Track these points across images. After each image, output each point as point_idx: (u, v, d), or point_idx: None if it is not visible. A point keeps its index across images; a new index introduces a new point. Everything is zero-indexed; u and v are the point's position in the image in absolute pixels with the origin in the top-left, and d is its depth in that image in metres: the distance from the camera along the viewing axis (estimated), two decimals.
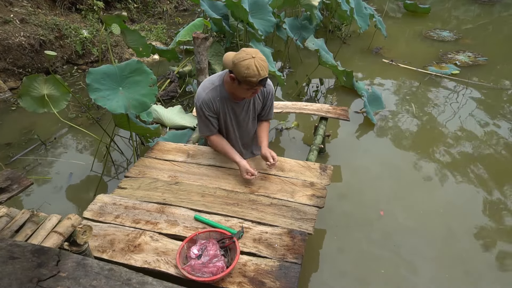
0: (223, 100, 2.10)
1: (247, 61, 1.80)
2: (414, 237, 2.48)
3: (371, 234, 2.50)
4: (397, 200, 2.79)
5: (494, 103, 4.22)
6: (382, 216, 2.64)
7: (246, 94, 1.98)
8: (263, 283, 1.57)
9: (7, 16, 4.45)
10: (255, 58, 1.81)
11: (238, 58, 1.83)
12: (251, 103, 2.19)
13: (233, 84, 1.95)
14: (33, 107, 2.62)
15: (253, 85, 1.87)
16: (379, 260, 2.32)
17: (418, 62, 5.18)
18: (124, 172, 3.10)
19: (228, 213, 1.95)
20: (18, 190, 1.72)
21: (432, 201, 2.79)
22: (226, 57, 1.95)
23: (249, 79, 1.82)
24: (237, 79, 1.87)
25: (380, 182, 2.98)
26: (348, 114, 3.17)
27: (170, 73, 4.35)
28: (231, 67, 1.87)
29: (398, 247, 2.40)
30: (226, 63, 1.93)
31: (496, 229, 2.57)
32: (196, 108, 2.13)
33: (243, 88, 1.91)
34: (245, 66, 1.80)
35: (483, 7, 8.17)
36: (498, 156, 3.33)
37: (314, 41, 4.06)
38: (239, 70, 1.82)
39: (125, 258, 1.68)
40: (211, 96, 2.08)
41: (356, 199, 2.80)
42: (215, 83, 2.09)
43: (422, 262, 2.31)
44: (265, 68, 1.84)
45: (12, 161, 3.15)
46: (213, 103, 2.09)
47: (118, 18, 3.19)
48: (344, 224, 2.58)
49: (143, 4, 6.53)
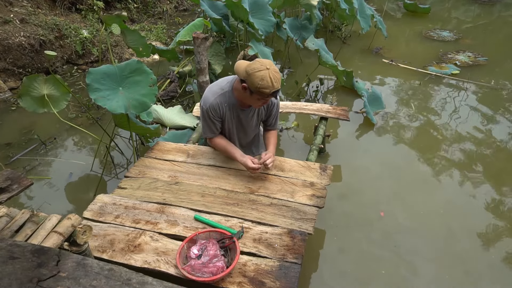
0: (230, 106, 2.11)
1: (262, 72, 1.81)
2: (414, 237, 2.48)
3: (371, 234, 2.50)
4: (397, 200, 2.79)
5: (494, 103, 4.22)
6: (382, 217, 2.64)
7: (256, 103, 2.00)
8: (263, 283, 1.57)
9: (7, 16, 4.45)
10: (269, 70, 1.82)
11: (252, 69, 1.83)
12: (256, 110, 2.20)
13: (244, 93, 1.95)
14: (33, 107, 2.62)
15: (265, 96, 1.88)
16: (380, 260, 2.32)
17: (418, 62, 5.18)
18: (124, 172, 3.10)
19: (228, 213, 1.95)
20: (18, 190, 1.72)
21: (432, 201, 2.78)
22: (238, 66, 1.94)
23: (262, 90, 1.83)
24: (250, 89, 1.87)
25: (380, 182, 2.98)
26: (348, 114, 3.17)
27: (170, 73, 4.35)
28: (245, 76, 1.86)
29: (398, 247, 2.40)
30: (239, 72, 1.91)
31: (496, 229, 2.57)
32: (202, 111, 2.13)
33: (254, 98, 1.92)
34: (260, 77, 1.80)
35: (483, 7, 8.17)
36: (498, 156, 3.33)
37: (314, 41, 4.06)
38: (253, 81, 1.82)
39: (125, 258, 1.68)
40: (219, 101, 2.08)
41: (356, 199, 2.79)
42: (224, 89, 2.08)
43: (422, 262, 2.31)
44: (278, 80, 1.85)
45: (12, 161, 3.15)
46: (220, 109, 2.10)
47: (118, 18, 3.19)
48: (344, 224, 2.58)
49: (143, 4, 6.53)
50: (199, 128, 2.92)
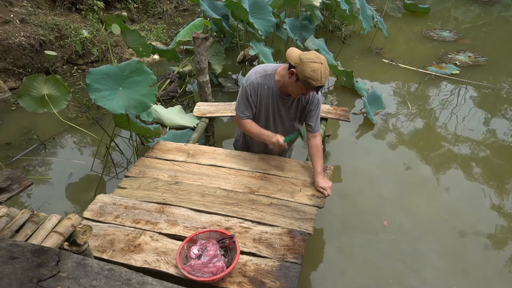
0: (270, 90, 2.10)
1: (316, 64, 1.83)
2: (414, 237, 2.48)
3: (371, 234, 2.50)
4: (397, 200, 2.79)
5: (495, 103, 4.22)
6: (382, 217, 2.63)
7: (297, 92, 1.99)
8: (263, 283, 1.57)
9: (7, 16, 4.45)
10: (323, 65, 1.84)
11: (308, 58, 1.85)
12: (295, 102, 2.17)
13: (290, 79, 1.95)
14: (33, 107, 2.62)
15: (310, 87, 1.89)
16: (380, 260, 2.33)
17: (418, 62, 5.17)
18: (124, 172, 3.10)
19: (228, 213, 1.95)
20: (18, 190, 1.72)
21: (432, 201, 2.79)
22: (291, 52, 1.96)
23: (309, 80, 1.84)
24: (298, 75, 1.88)
25: (380, 182, 2.98)
26: (348, 115, 3.17)
27: (170, 73, 4.35)
28: (297, 62, 1.88)
29: (397, 243, 2.41)
30: (291, 57, 1.93)
31: (504, 233, 2.54)
32: (242, 88, 2.13)
33: (298, 86, 1.93)
34: (312, 68, 1.82)
35: (483, 7, 8.17)
36: (499, 157, 3.32)
37: (314, 41, 4.07)
38: (304, 69, 1.83)
39: (125, 258, 1.68)
40: (260, 81, 2.09)
41: (356, 199, 2.80)
42: (268, 72, 2.10)
43: (422, 262, 2.31)
44: (326, 77, 1.88)
45: (12, 161, 3.15)
46: (259, 89, 2.10)
47: (118, 18, 3.19)
48: (344, 224, 2.58)
49: (143, 4, 6.53)
50: (199, 128, 2.92)
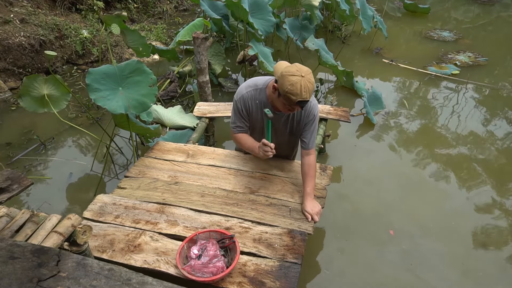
0: (261, 104, 2.05)
1: (295, 78, 1.74)
2: (414, 236, 2.48)
3: (371, 233, 2.50)
4: (397, 200, 2.79)
5: (495, 103, 4.22)
6: (382, 217, 2.63)
7: (283, 108, 1.92)
8: (263, 283, 1.57)
9: (7, 16, 4.45)
10: (303, 78, 1.75)
11: (287, 71, 1.77)
12: (290, 118, 2.10)
13: (273, 94, 1.92)
14: (33, 107, 2.62)
15: (291, 103, 1.81)
16: (379, 259, 2.33)
17: (418, 62, 5.17)
18: (124, 172, 3.10)
19: (227, 213, 1.95)
20: (18, 190, 1.72)
21: (432, 200, 2.79)
22: (277, 65, 1.92)
23: (288, 95, 1.76)
24: (279, 90, 1.83)
25: (380, 182, 2.97)
26: (349, 116, 3.16)
27: (170, 73, 4.35)
28: (278, 76, 1.82)
29: (397, 238, 2.41)
30: (276, 71, 1.90)
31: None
32: (234, 102, 2.12)
33: (281, 101, 1.87)
34: (291, 82, 1.74)
35: (482, 7, 8.17)
36: (500, 157, 3.32)
37: (314, 41, 4.06)
38: (283, 83, 1.77)
39: (125, 258, 1.68)
40: (250, 95, 2.06)
41: (356, 199, 2.79)
42: (258, 86, 2.05)
43: (422, 262, 2.31)
44: (309, 91, 1.77)
45: (12, 161, 3.15)
46: (249, 103, 2.07)
47: (118, 18, 3.18)
48: (344, 224, 2.58)
49: (143, 4, 6.53)
50: (199, 128, 2.92)
